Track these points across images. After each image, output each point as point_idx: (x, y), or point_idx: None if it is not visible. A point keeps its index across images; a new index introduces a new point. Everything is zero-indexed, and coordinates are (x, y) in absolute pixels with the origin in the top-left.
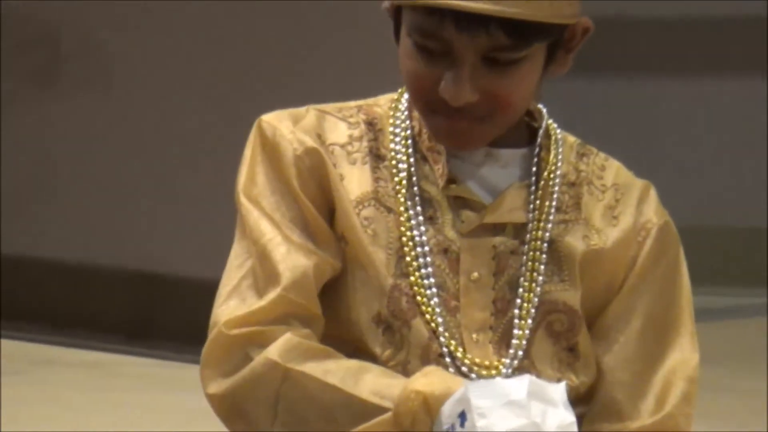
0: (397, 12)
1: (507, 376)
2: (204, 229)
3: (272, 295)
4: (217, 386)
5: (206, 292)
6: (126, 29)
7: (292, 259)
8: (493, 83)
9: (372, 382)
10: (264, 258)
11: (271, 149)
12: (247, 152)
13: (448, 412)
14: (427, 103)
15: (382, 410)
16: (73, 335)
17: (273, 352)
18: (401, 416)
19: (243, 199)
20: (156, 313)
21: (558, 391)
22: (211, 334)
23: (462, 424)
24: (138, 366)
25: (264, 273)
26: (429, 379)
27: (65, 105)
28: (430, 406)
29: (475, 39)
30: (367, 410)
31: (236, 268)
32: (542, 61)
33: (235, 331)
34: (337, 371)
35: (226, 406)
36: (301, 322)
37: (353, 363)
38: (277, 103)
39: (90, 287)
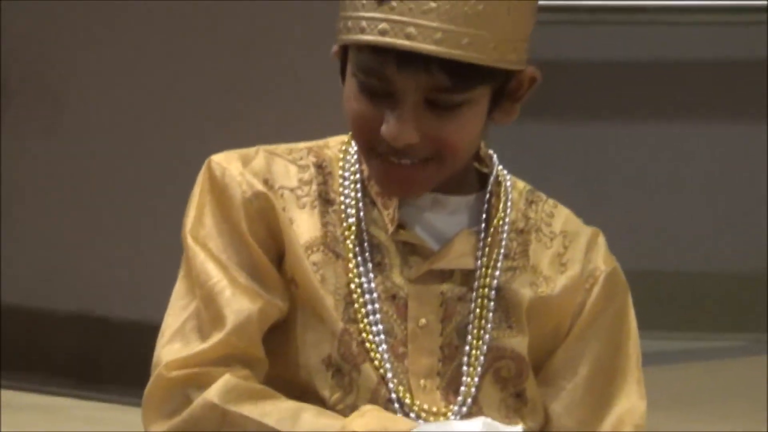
0: (344, 54)
1: None
2: (150, 272)
3: (215, 338)
4: (158, 427)
5: (151, 333)
6: (74, 64)
7: (237, 302)
8: (434, 126)
9: (309, 423)
10: (209, 301)
11: (219, 191)
12: (196, 192)
13: None
14: (369, 145)
15: None
16: (25, 379)
17: (212, 393)
18: None
19: (190, 241)
20: (102, 356)
21: None
22: (153, 376)
23: None
24: (87, 410)
25: (209, 316)
26: (366, 419)
27: (12, 143)
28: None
29: (417, 79)
30: None
31: (180, 309)
32: (486, 106)
33: (175, 373)
34: (274, 412)
35: None
36: (242, 365)
37: (291, 404)
38: (225, 144)
39: (38, 329)
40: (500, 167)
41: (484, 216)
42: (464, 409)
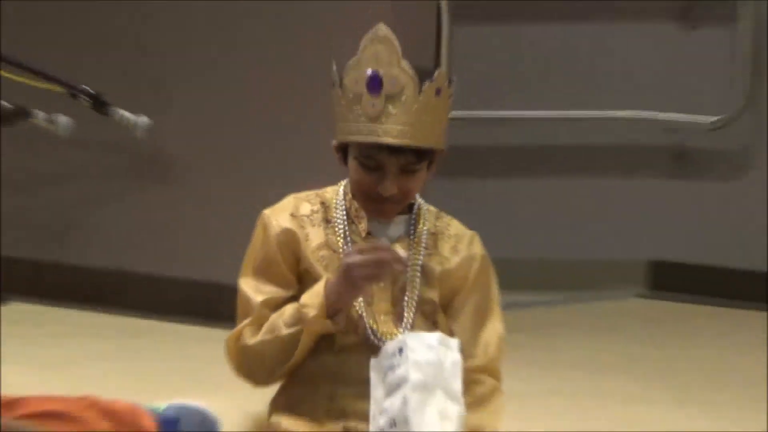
0: (344, 147)
1: None
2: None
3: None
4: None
5: None
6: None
7: (254, 299)
8: (404, 183)
9: (287, 313)
10: (246, 304)
11: (264, 232)
12: (253, 237)
13: (390, 348)
14: (368, 196)
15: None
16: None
17: (246, 340)
18: (299, 317)
19: (239, 278)
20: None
21: (453, 341)
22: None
23: (399, 355)
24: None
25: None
26: (308, 294)
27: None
28: (303, 307)
29: (398, 159)
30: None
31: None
32: (426, 169)
33: (231, 336)
34: (268, 325)
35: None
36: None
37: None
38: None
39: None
40: (421, 200)
41: (412, 227)
42: (406, 331)
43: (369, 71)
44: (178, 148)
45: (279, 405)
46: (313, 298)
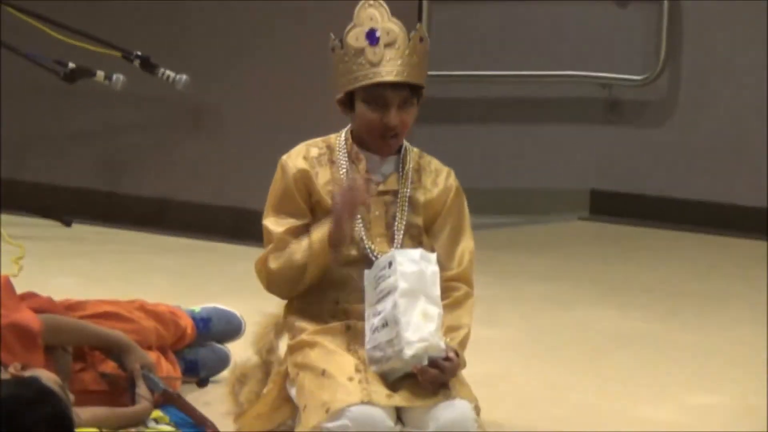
0: (348, 98)
1: None
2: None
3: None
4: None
5: None
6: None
7: (275, 229)
8: (403, 116)
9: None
10: (269, 236)
11: (283, 171)
12: (273, 180)
13: (381, 262)
14: (376, 132)
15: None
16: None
17: (269, 264)
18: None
19: (263, 218)
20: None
21: (432, 255)
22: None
23: (389, 268)
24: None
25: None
26: (316, 230)
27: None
28: (314, 238)
29: (399, 94)
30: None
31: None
32: (416, 104)
33: (259, 260)
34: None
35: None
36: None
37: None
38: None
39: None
40: (407, 143)
41: (401, 165)
42: (396, 249)
43: (367, 28)
44: (213, 100)
45: (292, 308)
46: (318, 232)
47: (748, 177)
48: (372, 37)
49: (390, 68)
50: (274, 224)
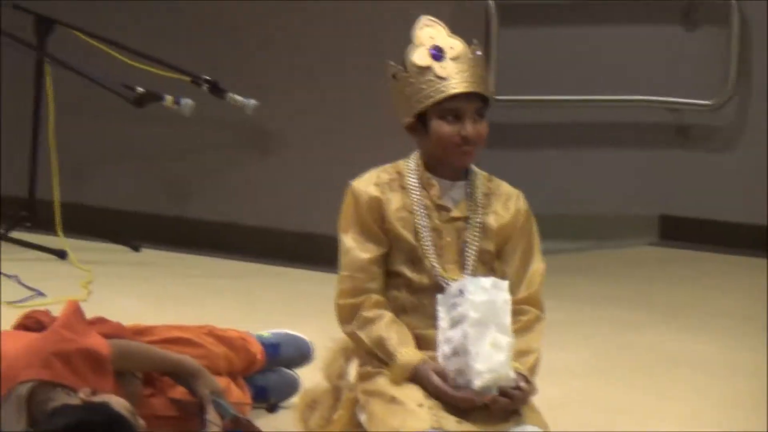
0: (418, 121)
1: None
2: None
3: (346, 279)
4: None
5: None
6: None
7: (357, 257)
8: (479, 128)
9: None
10: (346, 259)
11: (355, 200)
12: (345, 204)
13: (454, 288)
14: (453, 145)
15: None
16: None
17: (356, 329)
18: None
19: (340, 232)
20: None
21: (504, 283)
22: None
23: (461, 295)
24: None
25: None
26: (407, 351)
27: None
28: (403, 368)
29: (473, 105)
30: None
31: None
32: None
33: (340, 301)
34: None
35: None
36: (367, 292)
37: (380, 329)
38: None
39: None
40: (474, 167)
41: (470, 190)
42: (467, 276)
43: (430, 45)
44: (279, 124)
45: None
46: (403, 369)
47: None
48: (437, 53)
49: (461, 79)
50: (358, 247)
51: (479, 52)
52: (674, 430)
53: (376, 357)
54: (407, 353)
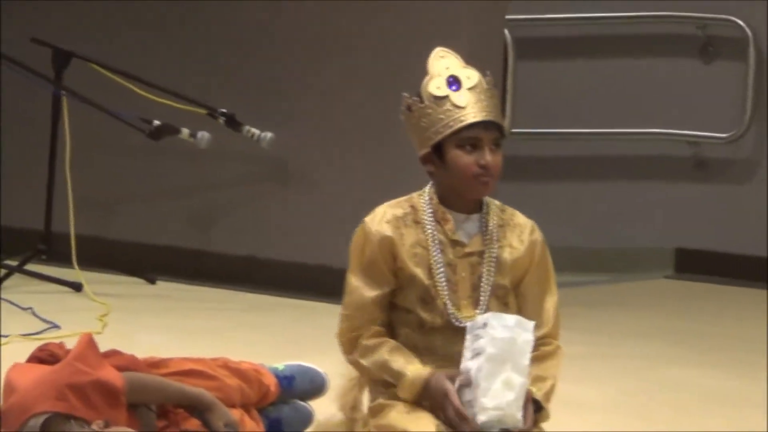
0: (435, 148)
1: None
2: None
3: (348, 318)
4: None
5: None
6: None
7: (359, 296)
8: (495, 157)
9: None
10: (350, 299)
11: (365, 238)
12: (355, 241)
13: (479, 320)
14: (471, 175)
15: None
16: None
17: (358, 357)
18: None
19: (348, 274)
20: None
21: (529, 324)
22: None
23: (483, 328)
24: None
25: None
26: (415, 367)
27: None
28: (412, 382)
29: (490, 134)
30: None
31: (343, 307)
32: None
33: (342, 339)
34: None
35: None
36: (370, 324)
37: (382, 354)
38: None
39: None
40: (488, 198)
41: (484, 222)
42: (482, 313)
43: (446, 76)
44: (301, 157)
45: None
46: (413, 383)
47: None
48: (454, 83)
49: (479, 109)
50: (363, 286)
51: (492, 83)
52: None
53: (383, 383)
54: (416, 368)
